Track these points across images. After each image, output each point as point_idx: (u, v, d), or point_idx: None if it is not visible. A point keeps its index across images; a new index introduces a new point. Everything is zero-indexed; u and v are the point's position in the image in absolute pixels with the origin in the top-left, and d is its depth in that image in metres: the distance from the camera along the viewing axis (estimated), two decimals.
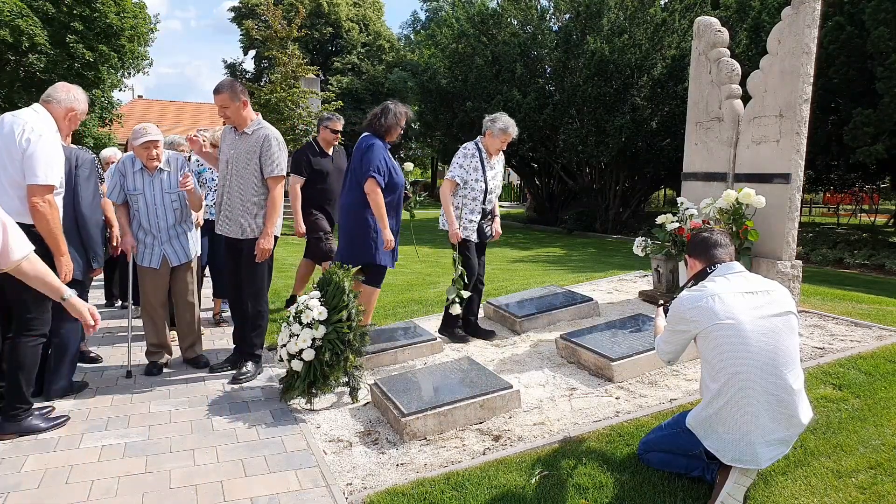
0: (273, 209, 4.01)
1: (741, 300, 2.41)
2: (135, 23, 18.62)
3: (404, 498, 2.60)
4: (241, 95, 3.97)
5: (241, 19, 33.09)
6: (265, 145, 3.97)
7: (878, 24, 11.64)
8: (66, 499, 2.67)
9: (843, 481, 2.54)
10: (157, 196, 4.13)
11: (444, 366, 3.81)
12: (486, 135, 4.54)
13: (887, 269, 11.49)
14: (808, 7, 4.31)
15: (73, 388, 3.84)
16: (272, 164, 3.99)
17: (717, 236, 2.69)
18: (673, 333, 2.58)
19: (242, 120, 4.01)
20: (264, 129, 4.04)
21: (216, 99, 3.96)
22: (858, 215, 24.28)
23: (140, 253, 4.19)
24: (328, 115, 5.77)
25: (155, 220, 4.14)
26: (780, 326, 2.39)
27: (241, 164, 4.00)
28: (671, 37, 16.00)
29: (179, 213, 4.22)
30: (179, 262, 4.25)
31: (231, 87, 3.97)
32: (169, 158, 4.20)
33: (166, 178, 4.16)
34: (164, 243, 4.19)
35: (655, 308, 3.07)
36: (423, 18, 37.88)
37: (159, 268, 4.19)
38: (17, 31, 15.94)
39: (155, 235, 4.16)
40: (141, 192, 4.12)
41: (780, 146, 4.47)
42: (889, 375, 3.39)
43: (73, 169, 3.65)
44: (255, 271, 4.09)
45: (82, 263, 3.70)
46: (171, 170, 4.18)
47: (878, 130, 11.98)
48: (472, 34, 18.54)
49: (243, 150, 4.00)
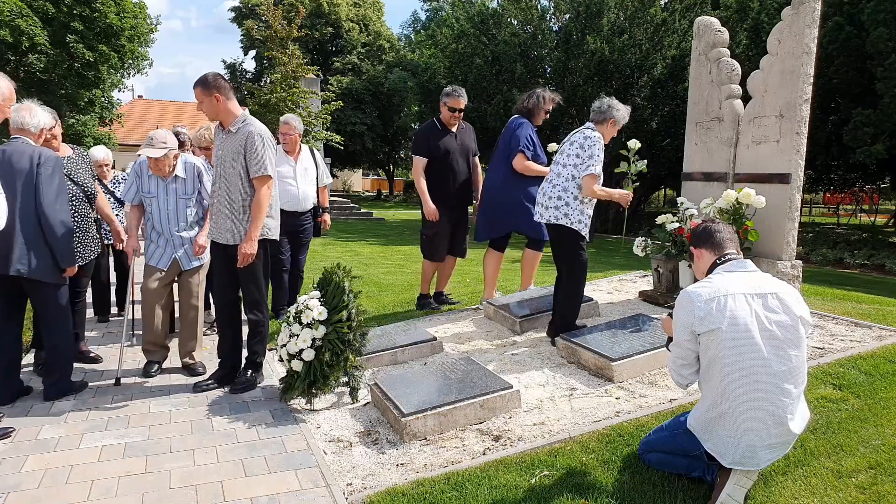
0: (258, 211, 3.74)
1: (750, 303, 2.38)
2: (135, 23, 18.63)
3: (404, 498, 2.59)
4: (215, 90, 3.69)
5: (241, 19, 33.06)
6: (249, 143, 3.73)
7: (877, 24, 11.64)
8: (66, 499, 2.67)
9: (843, 481, 2.54)
10: (171, 202, 4.14)
11: (444, 366, 3.81)
12: (608, 123, 4.20)
13: (887, 269, 11.49)
14: (808, 7, 4.31)
15: (73, 388, 3.84)
16: (257, 164, 3.73)
17: (722, 226, 2.68)
18: (680, 332, 2.48)
19: (223, 116, 3.79)
20: (248, 125, 3.78)
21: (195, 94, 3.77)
22: (858, 215, 24.30)
23: (150, 252, 4.20)
24: (450, 89, 5.21)
25: (167, 225, 4.16)
26: (786, 333, 2.36)
27: (227, 165, 3.80)
28: (671, 37, 16.00)
29: (194, 218, 4.22)
30: (190, 267, 4.24)
31: (204, 81, 3.71)
32: (186, 166, 4.20)
33: (181, 186, 4.16)
34: (177, 247, 4.19)
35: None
36: (423, 18, 37.85)
37: (167, 269, 4.19)
38: (17, 31, 15.93)
39: (168, 239, 4.18)
40: (154, 195, 4.13)
41: (780, 146, 4.46)
42: (889, 375, 3.39)
43: (35, 167, 3.56)
44: (252, 278, 3.86)
45: (49, 264, 3.62)
46: (186, 177, 4.17)
47: (878, 130, 11.98)
48: (472, 34, 18.53)
49: (229, 149, 3.79)
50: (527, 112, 4.99)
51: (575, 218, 4.13)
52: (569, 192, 4.12)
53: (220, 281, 4.04)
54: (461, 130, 5.26)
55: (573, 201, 4.12)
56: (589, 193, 4.10)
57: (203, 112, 3.78)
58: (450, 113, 5.13)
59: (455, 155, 5.16)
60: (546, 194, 4.22)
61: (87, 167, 4.34)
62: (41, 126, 3.76)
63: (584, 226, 4.17)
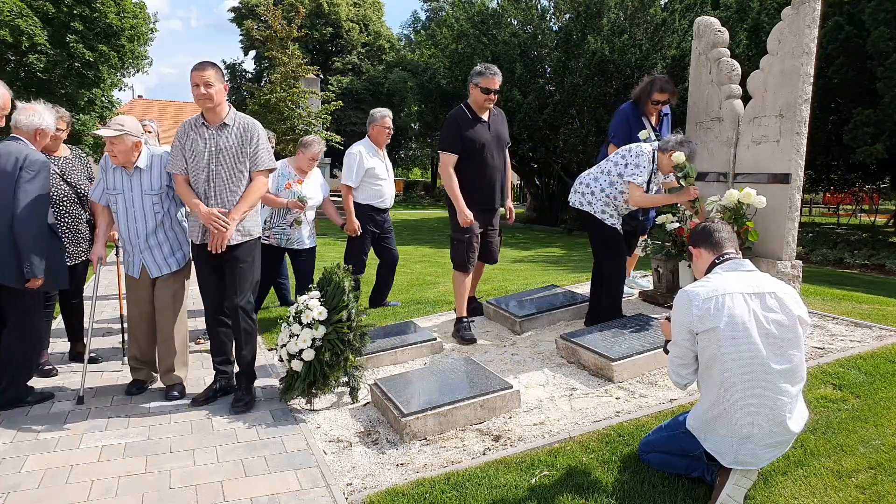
0: (253, 198, 3.58)
1: (748, 302, 2.38)
2: (135, 23, 18.61)
3: (404, 498, 2.59)
4: (223, 78, 3.57)
5: (241, 19, 33.09)
6: (254, 136, 3.57)
7: (877, 24, 11.64)
8: (66, 499, 2.67)
9: (843, 481, 2.54)
10: (137, 198, 3.71)
11: (444, 366, 3.81)
12: (668, 154, 4.12)
13: (887, 269, 11.49)
14: (808, 7, 4.31)
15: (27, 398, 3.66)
16: (262, 158, 3.61)
17: (721, 226, 2.67)
18: (678, 331, 2.48)
19: (221, 107, 3.55)
20: (245, 118, 3.64)
21: (201, 76, 3.43)
22: (858, 215, 24.28)
23: (124, 259, 3.88)
24: (481, 67, 4.41)
25: (133, 225, 3.72)
26: (784, 333, 2.36)
27: (230, 160, 3.55)
28: (671, 37, 16.01)
29: (161, 218, 3.77)
30: (160, 273, 3.79)
31: (215, 65, 3.54)
32: (152, 158, 3.75)
33: (146, 179, 3.71)
34: (144, 251, 3.75)
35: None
36: (423, 18, 37.89)
37: (139, 277, 3.80)
38: (17, 31, 15.92)
39: (132, 241, 3.75)
40: (120, 191, 3.72)
41: (780, 146, 4.46)
42: (889, 375, 3.39)
43: (18, 170, 3.46)
44: (245, 281, 3.65)
45: (14, 268, 3.46)
46: (151, 170, 3.73)
47: (878, 130, 11.98)
48: (472, 34, 18.54)
49: (230, 144, 3.55)
50: (636, 97, 4.83)
51: (598, 208, 4.27)
52: (598, 183, 4.30)
53: (214, 286, 3.74)
54: (493, 117, 4.50)
55: (599, 192, 4.28)
56: (635, 202, 4.24)
57: (208, 96, 3.45)
58: (483, 95, 4.33)
59: (490, 147, 4.39)
60: (581, 181, 4.40)
61: (84, 168, 4.34)
62: (34, 126, 3.65)
63: (608, 216, 4.27)
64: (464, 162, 4.36)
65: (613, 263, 4.35)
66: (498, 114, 4.61)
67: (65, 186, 4.13)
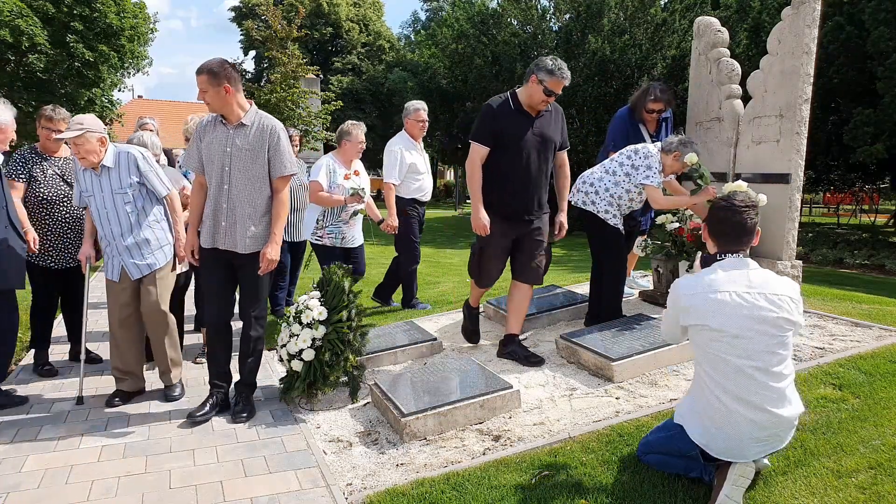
0: (283, 210, 3.47)
1: (738, 299, 2.39)
2: (135, 22, 18.62)
3: (404, 498, 2.59)
4: (224, 80, 3.31)
5: (241, 19, 33.10)
6: (273, 139, 3.40)
7: (878, 24, 11.64)
8: (66, 499, 2.67)
9: (843, 481, 2.54)
10: (107, 199, 3.59)
11: (444, 366, 3.81)
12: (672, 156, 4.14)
13: (887, 269, 11.49)
14: (808, 7, 4.31)
15: None
16: (283, 162, 3.43)
17: (739, 217, 2.48)
18: (670, 311, 2.61)
19: (229, 109, 3.37)
20: (266, 118, 3.46)
21: (197, 81, 3.34)
22: (858, 215, 24.29)
23: (104, 263, 3.75)
24: (551, 64, 3.72)
25: (108, 226, 3.61)
26: (773, 329, 2.37)
27: (246, 162, 3.38)
28: (671, 37, 16.02)
29: (136, 217, 3.64)
30: (141, 275, 3.67)
31: (211, 69, 3.30)
32: (118, 156, 3.61)
33: (114, 178, 3.58)
34: (122, 253, 3.64)
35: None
36: (424, 18, 37.89)
37: (118, 281, 3.68)
38: (17, 31, 15.93)
39: (109, 243, 3.65)
40: (91, 193, 3.62)
41: (780, 146, 4.46)
42: (889, 375, 3.39)
43: None
44: (260, 291, 3.56)
45: None
46: (118, 168, 3.60)
47: (878, 130, 11.98)
48: (472, 34, 18.54)
49: (246, 145, 3.38)
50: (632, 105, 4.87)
51: (602, 207, 4.28)
52: (603, 182, 4.30)
53: (220, 295, 3.58)
54: (543, 113, 3.90)
55: (604, 192, 4.29)
56: (658, 205, 4.26)
57: (206, 102, 3.34)
58: (543, 97, 3.75)
59: (528, 147, 3.81)
60: (584, 180, 4.40)
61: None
62: None
63: (611, 216, 4.28)
64: (495, 158, 3.84)
65: (613, 263, 4.36)
66: (552, 110, 3.95)
67: (65, 187, 4.13)
